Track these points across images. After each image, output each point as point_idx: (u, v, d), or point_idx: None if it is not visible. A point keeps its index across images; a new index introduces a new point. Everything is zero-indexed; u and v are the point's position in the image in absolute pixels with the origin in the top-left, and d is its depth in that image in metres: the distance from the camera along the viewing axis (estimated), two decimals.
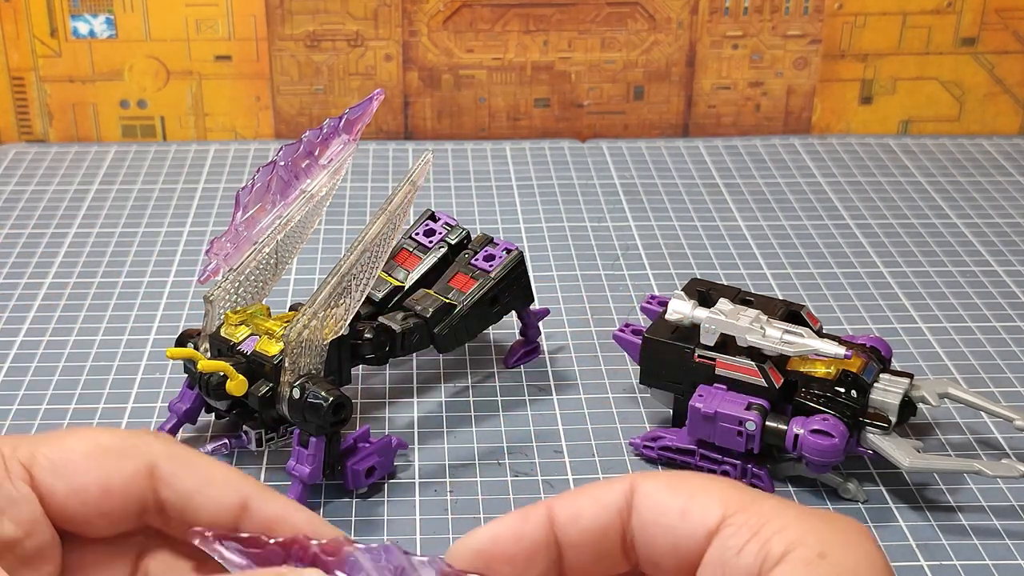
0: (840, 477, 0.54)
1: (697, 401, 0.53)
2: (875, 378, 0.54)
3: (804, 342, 0.51)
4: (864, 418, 0.52)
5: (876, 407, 0.53)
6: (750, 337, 0.52)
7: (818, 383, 0.53)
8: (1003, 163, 0.92)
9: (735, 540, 0.29)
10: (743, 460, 0.54)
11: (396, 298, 0.60)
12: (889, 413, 0.52)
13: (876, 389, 0.53)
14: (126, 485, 0.33)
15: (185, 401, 0.56)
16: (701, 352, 0.54)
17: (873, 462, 0.56)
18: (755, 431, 0.52)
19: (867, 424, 0.52)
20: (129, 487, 0.33)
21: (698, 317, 0.53)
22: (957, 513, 0.53)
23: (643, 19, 0.94)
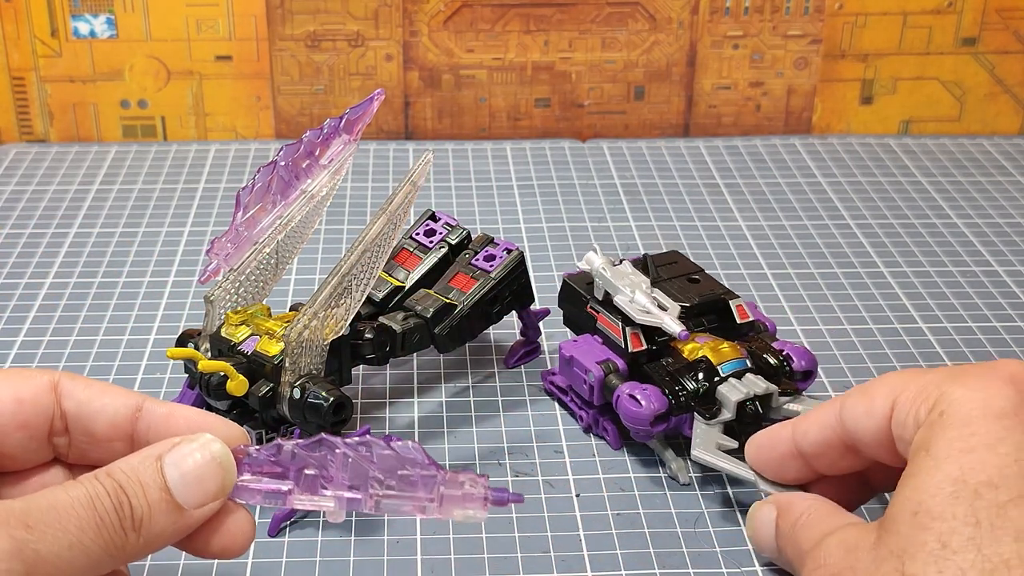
0: (672, 452, 0.55)
1: (567, 345, 0.57)
2: (736, 373, 0.54)
3: (655, 314, 0.54)
4: (694, 402, 0.53)
5: (719, 398, 0.53)
6: (618, 298, 0.55)
7: (677, 362, 0.55)
8: (1003, 163, 0.92)
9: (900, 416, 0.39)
10: (596, 411, 0.57)
11: (396, 298, 0.60)
12: (725, 408, 0.53)
13: (727, 383, 0.53)
14: (35, 396, 0.37)
15: (185, 401, 0.56)
16: (593, 304, 0.58)
17: None
18: (594, 383, 0.55)
19: (695, 408, 0.53)
20: (38, 398, 0.37)
21: (595, 271, 0.57)
22: None
23: (644, 19, 0.94)
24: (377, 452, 0.36)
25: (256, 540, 0.51)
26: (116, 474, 0.34)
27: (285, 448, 0.37)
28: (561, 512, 0.53)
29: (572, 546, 0.51)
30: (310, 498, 0.37)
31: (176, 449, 0.35)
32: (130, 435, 0.37)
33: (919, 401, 0.37)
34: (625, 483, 0.55)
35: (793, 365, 0.55)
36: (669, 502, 0.54)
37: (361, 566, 0.50)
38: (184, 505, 0.35)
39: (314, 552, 0.51)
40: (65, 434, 0.38)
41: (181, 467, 0.35)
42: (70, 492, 0.34)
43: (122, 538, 0.34)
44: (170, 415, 0.37)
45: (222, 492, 0.36)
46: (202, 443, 0.36)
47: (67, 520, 0.33)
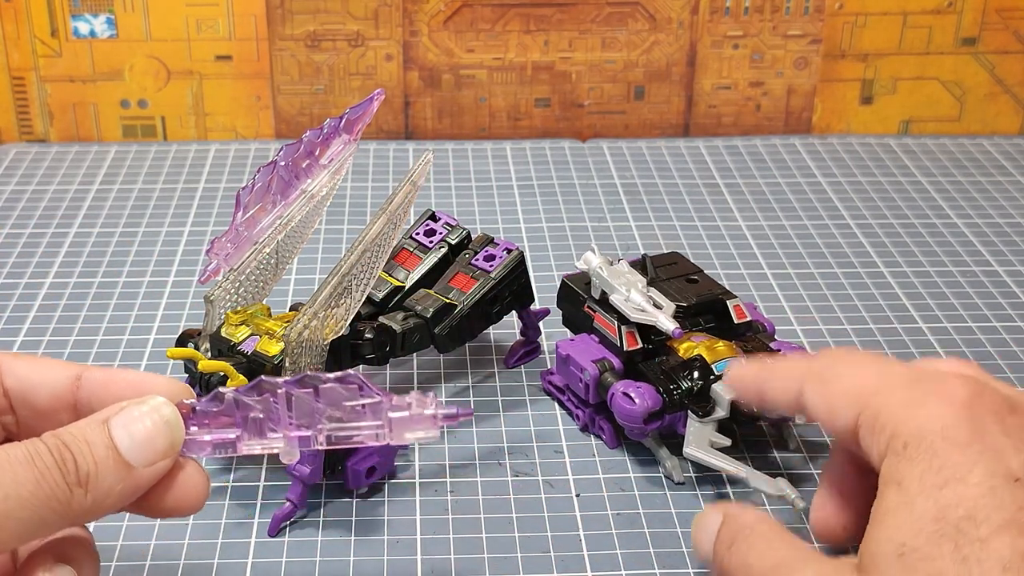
0: (666, 451, 0.55)
1: (564, 344, 0.57)
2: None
3: (650, 312, 0.54)
4: (688, 400, 0.54)
5: (712, 397, 0.53)
6: (614, 297, 0.55)
7: (672, 360, 0.55)
8: (1003, 163, 0.92)
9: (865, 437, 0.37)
10: (593, 409, 0.57)
11: (396, 298, 0.60)
12: (719, 406, 0.53)
13: (721, 382, 0.54)
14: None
15: None
16: (589, 303, 0.58)
17: None
18: (590, 381, 0.55)
19: (688, 406, 0.53)
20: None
21: (592, 271, 0.57)
22: None
23: (644, 19, 0.94)
24: (320, 387, 0.36)
25: (256, 540, 0.51)
26: (62, 434, 0.35)
27: (227, 397, 0.37)
28: (561, 512, 0.53)
29: (572, 546, 0.51)
30: (259, 442, 0.37)
31: (124, 412, 0.36)
32: (73, 404, 0.38)
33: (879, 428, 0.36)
34: (625, 483, 0.55)
35: None
36: (669, 502, 0.54)
37: (361, 566, 0.50)
38: (133, 463, 0.35)
39: (314, 552, 0.51)
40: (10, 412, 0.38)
41: (129, 427, 0.35)
42: (8, 451, 0.34)
43: (66, 494, 0.34)
44: (110, 379, 0.38)
45: (172, 450, 0.36)
46: (151, 404, 0.36)
47: (2, 474, 0.33)
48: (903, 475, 0.33)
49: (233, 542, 0.51)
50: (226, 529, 0.52)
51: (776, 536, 0.39)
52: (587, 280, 0.58)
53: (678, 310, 0.56)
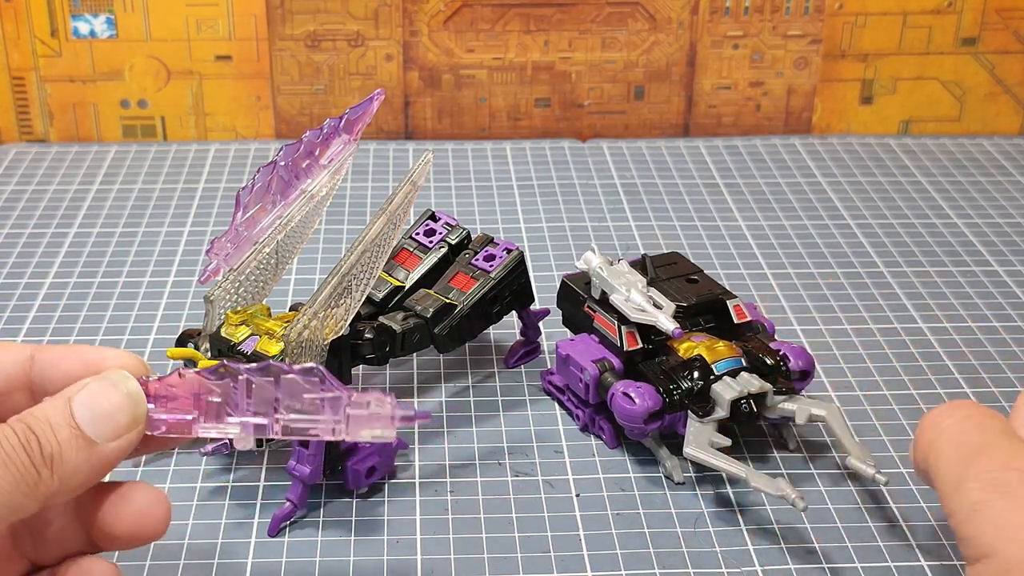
0: (666, 451, 0.55)
1: (564, 344, 0.57)
2: (731, 372, 0.54)
3: (650, 312, 0.54)
4: (688, 401, 0.54)
5: (712, 397, 0.53)
6: (614, 297, 0.55)
7: (673, 360, 0.55)
8: (1003, 163, 0.92)
9: None
10: (593, 409, 0.57)
11: (396, 298, 0.60)
12: (719, 406, 0.53)
13: (721, 382, 0.54)
14: None
15: None
16: (589, 303, 0.58)
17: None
18: (590, 381, 0.55)
19: (688, 406, 0.53)
20: None
21: (592, 271, 0.57)
22: None
23: (643, 19, 0.94)
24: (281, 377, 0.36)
25: (256, 540, 0.51)
26: (25, 417, 0.35)
27: (188, 376, 0.37)
28: (561, 512, 0.53)
29: (572, 546, 0.51)
30: (215, 426, 0.37)
31: (85, 389, 0.36)
32: (27, 385, 0.38)
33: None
34: (625, 483, 0.55)
35: (790, 365, 0.55)
36: (669, 502, 0.54)
37: (361, 566, 0.50)
38: (96, 439, 0.35)
39: (314, 552, 0.51)
40: None
41: (90, 404, 0.36)
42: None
43: (34, 476, 0.34)
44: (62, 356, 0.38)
45: (134, 424, 0.36)
46: (112, 380, 0.36)
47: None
48: None
49: (233, 542, 0.51)
50: (226, 529, 0.52)
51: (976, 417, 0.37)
52: (587, 280, 0.58)
53: (678, 310, 0.56)
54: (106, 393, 0.36)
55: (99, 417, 0.36)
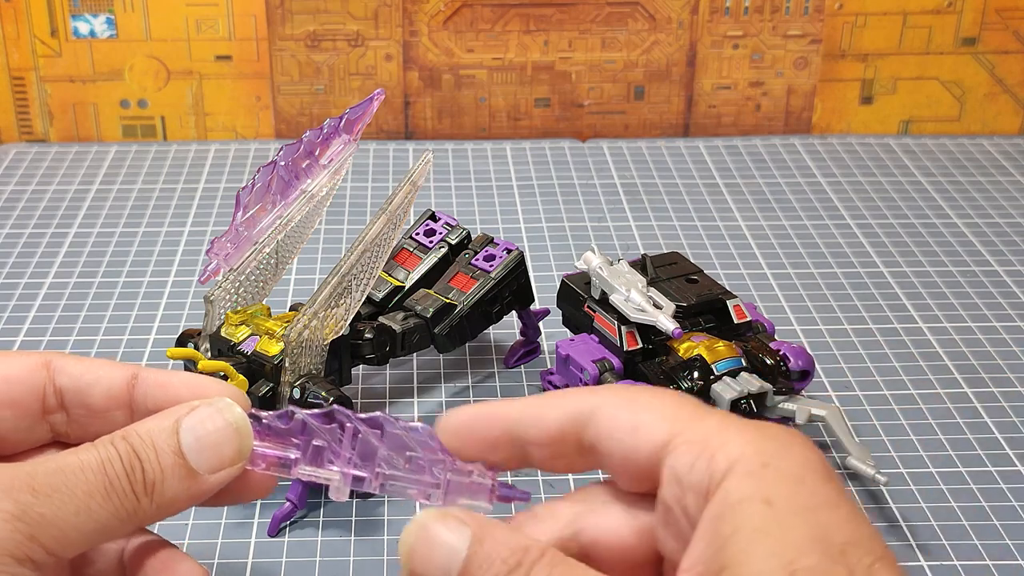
0: None
1: (564, 344, 0.57)
2: (731, 372, 0.54)
3: (649, 312, 0.54)
4: None
5: (712, 397, 0.54)
6: (614, 297, 0.56)
7: (673, 360, 0.55)
8: (1003, 163, 0.92)
9: (686, 457, 0.31)
10: None
11: (396, 298, 0.60)
12: (719, 406, 0.53)
13: (721, 382, 0.54)
14: (25, 373, 0.37)
15: None
16: (590, 303, 0.58)
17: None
18: (590, 382, 0.55)
19: None
20: (28, 376, 0.37)
21: (591, 271, 0.57)
22: (957, 513, 0.53)
23: (643, 19, 0.94)
24: (388, 431, 0.36)
25: (256, 540, 0.51)
26: (131, 437, 0.34)
27: (297, 416, 0.36)
28: None
29: None
30: (315, 470, 0.36)
31: (194, 413, 0.35)
32: (128, 404, 0.37)
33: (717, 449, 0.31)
34: None
35: (790, 365, 0.55)
36: None
37: (361, 566, 0.50)
38: (198, 470, 0.34)
39: (314, 552, 0.51)
40: (60, 410, 0.37)
41: (197, 432, 0.34)
42: (81, 455, 0.33)
43: (133, 503, 0.33)
44: (168, 381, 0.37)
45: (238, 458, 0.35)
46: (220, 407, 0.35)
47: (74, 484, 0.32)
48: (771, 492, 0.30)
49: (233, 542, 0.51)
50: (226, 529, 0.52)
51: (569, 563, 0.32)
52: (587, 280, 0.58)
53: (678, 310, 0.56)
54: (214, 421, 0.35)
55: (205, 446, 0.34)
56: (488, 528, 0.32)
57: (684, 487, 0.31)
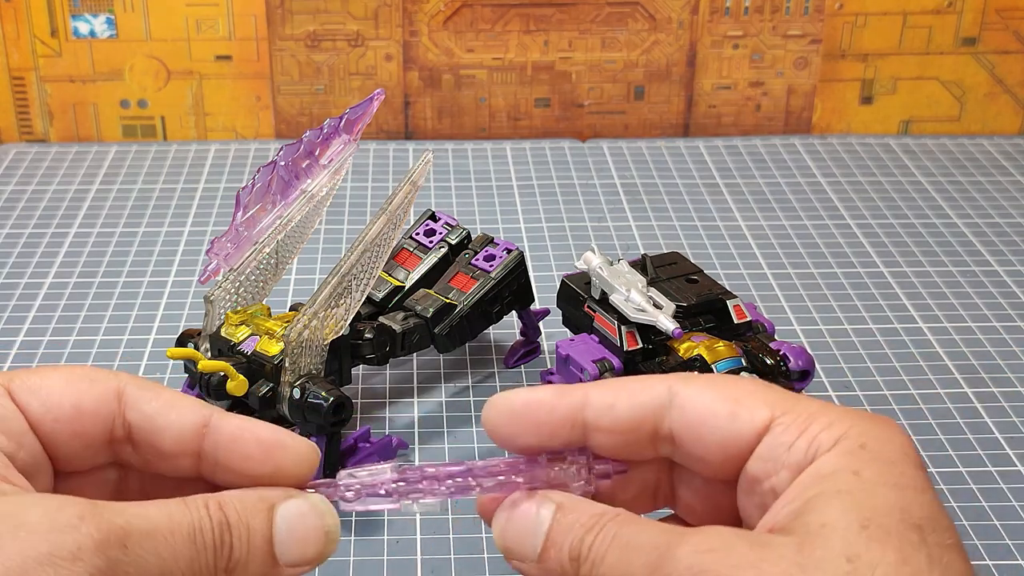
0: None
1: (564, 344, 0.57)
2: (731, 372, 0.54)
3: (649, 312, 0.54)
4: None
5: None
6: (614, 297, 0.56)
7: (672, 360, 0.55)
8: (1003, 163, 0.92)
9: (785, 437, 0.33)
10: None
11: (396, 298, 0.60)
12: None
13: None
14: (96, 405, 0.35)
15: None
16: (590, 303, 0.58)
17: None
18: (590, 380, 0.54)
19: None
20: (99, 407, 0.35)
21: (592, 271, 0.57)
22: (957, 513, 0.53)
23: (643, 19, 0.94)
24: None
25: None
26: (228, 509, 0.33)
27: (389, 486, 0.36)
28: None
29: None
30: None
31: (291, 503, 0.34)
32: (197, 452, 0.36)
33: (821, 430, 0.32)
34: None
35: (790, 365, 0.55)
36: None
37: (361, 566, 0.50)
38: (281, 561, 0.34)
39: None
40: (127, 443, 0.36)
41: (292, 524, 0.34)
42: (173, 516, 0.32)
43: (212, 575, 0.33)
44: (239, 435, 0.36)
45: (319, 558, 0.35)
46: (320, 510, 0.35)
47: (163, 547, 0.32)
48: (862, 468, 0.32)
49: None
50: None
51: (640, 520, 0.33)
52: (587, 280, 0.58)
53: (678, 310, 0.56)
54: (312, 520, 0.34)
55: (295, 540, 0.34)
56: (572, 500, 0.34)
57: (780, 464, 0.32)
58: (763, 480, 0.33)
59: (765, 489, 0.33)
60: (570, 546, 0.32)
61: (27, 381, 0.35)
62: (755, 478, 0.33)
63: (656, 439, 0.35)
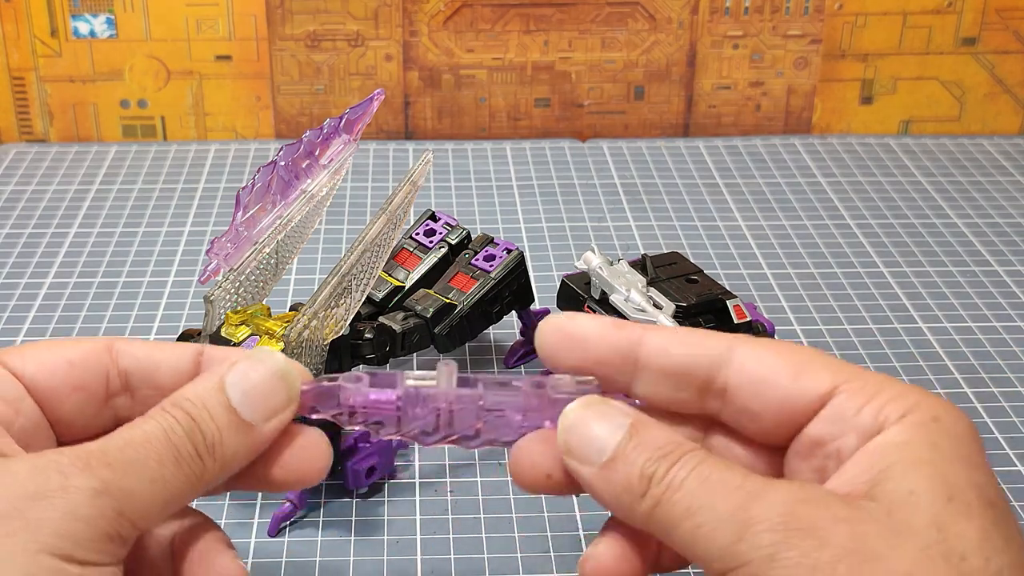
0: None
1: None
2: None
3: (649, 312, 0.54)
4: None
5: None
6: (614, 297, 0.56)
7: None
8: (1003, 163, 0.92)
9: (853, 403, 0.33)
10: None
11: (396, 298, 0.60)
12: None
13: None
14: (87, 356, 0.36)
15: None
16: (590, 303, 0.58)
17: None
18: None
19: None
20: (90, 358, 0.36)
21: (592, 271, 0.57)
22: None
23: (643, 19, 0.94)
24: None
25: (256, 540, 0.51)
26: (183, 403, 0.34)
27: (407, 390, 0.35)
28: (561, 512, 0.53)
29: (572, 546, 0.51)
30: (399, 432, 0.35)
31: (235, 368, 0.35)
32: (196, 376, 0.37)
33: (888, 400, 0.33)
34: None
35: None
36: None
37: (361, 566, 0.50)
38: (252, 422, 0.34)
39: (314, 552, 0.51)
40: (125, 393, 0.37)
41: (242, 385, 0.34)
42: (144, 427, 0.33)
43: (200, 466, 0.33)
44: (230, 352, 0.37)
45: (288, 402, 0.35)
46: (260, 357, 0.35)
47: (146, 454, 0.32)
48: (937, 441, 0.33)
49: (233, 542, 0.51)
50: (226, 529, 0.52)
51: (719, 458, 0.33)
52: (587, 280, 0.58)
53: (678, 310, 0.56)
54: (257, 371, 0.35)
55: (254, 398, 0.34)
56: (647, 421, 0.34)
57: (847, 427, 0.33)
58: (827, 443, 0.33)
59: (828, 452, 0.33)
60: (643, 463, 0.32)
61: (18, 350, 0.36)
62: (817, 441, 0.33)
63: (706, 392, 0.35)
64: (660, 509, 0.32)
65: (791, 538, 0.30)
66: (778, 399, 0.34)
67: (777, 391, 0.34)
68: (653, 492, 0.32)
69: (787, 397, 0.34)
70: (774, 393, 0.34)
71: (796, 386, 0.34)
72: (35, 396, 0.35)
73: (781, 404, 0.34)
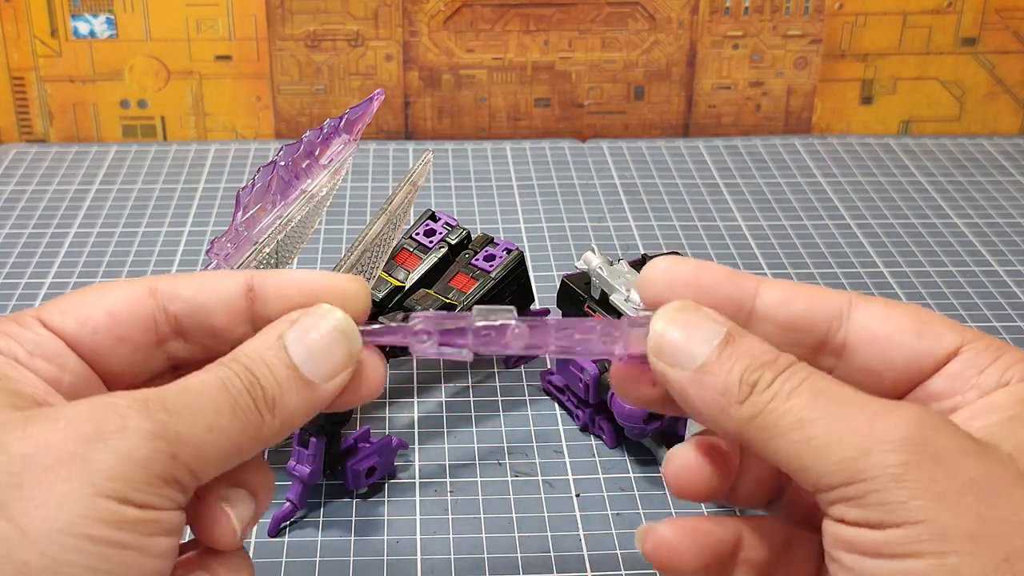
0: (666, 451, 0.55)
1: None
2: None
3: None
4: None
5: None
6: (614, 297, 0.56)
7: None
8: (1003, 163, 0.92)
9: (978, 361, 0.34)
10: (593, 409, 0.57)
11: (396, 298, 0.60)
12: None
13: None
14: (130, 305, 0.35)
15: None
16: (590, 303, 0.58)
17: None
18: (590, 380, 0.55)
19: None
20: (134, 307, 0.35)
21: (592, 271, 0.57)
22: None
23: (643, 19, 0.94)
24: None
25: (256, 540, 0.51)
26: (241, 358, 0.33)
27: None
28: (561, 512, 0.53)
29: (572, 546, 0.51)
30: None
31: (296, 325, 0.34)
32: (250, 319, 0.36)
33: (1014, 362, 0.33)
34: (625, 483, 0.55)
35: None
36: (669, 502, 0.54)
37: (361, 566, 0.50)
38: (314, 380, 0.34)
39: (314, 552, 0.51)
40: (177, 338, 0.36)
41: (304, 342, 0.34)
42: (200, 377, 0.33)
43: (258, 419, 0.33)
44: (280, 285, 0.36)
45: (350, 360, 0.35)
46: (321, 313, 0.34)
47: (203, 402, 0.32)
48: None
49: None
50: None
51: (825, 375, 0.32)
52: (587, 280, 0.58)
53: None
54: (318, 329, 0.34)
55: (316, 355, 0.34)
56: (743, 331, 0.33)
57: (969, 385, 0.33)
58: (946, 398, 0.34)
59: (946, 407, 0.33)
60: (743, 369, 0.32)
61: (57, 305, 0.35)
62: (936, 395, 0.34)
63: (821, 348, 0.35)
64: (763, 418, 0.31)
65: (922, 461, 0.30)
66: (903, 357, 0.34)
67: (902, 349, 0.34)
68: (755, 400, 0.31)
69: (912, 355, 0.34)
70: (899, 351, 0.34)
71: (920, 344, 0.34)
72: (79, 352, 0.35)
73: (907, 362, 0.34)
